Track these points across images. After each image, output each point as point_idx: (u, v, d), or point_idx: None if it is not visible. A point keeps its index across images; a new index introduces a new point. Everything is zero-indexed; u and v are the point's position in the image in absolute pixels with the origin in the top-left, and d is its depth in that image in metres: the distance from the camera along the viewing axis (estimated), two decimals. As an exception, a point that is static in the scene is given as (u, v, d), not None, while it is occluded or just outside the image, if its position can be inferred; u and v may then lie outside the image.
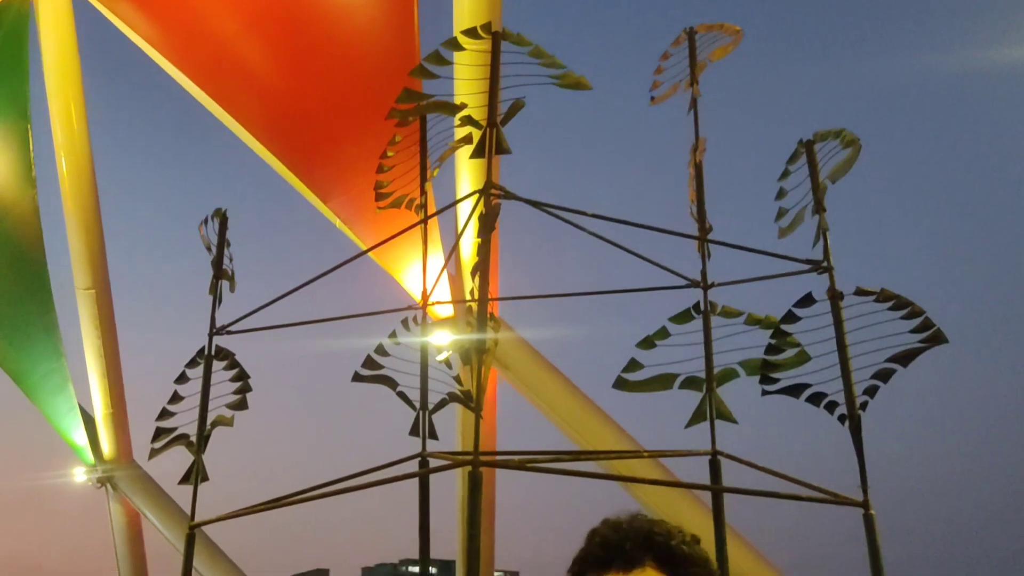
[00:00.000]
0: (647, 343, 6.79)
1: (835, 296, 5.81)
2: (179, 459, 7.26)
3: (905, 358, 5.49)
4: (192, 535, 6.84)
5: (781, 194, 6.50)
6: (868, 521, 5.48)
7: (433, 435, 6.65)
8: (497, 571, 18.77)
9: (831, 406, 5.70)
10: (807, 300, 5.94)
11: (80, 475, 22.22)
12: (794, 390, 5.93)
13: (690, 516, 12.16)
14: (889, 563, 5.53)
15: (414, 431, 6.65)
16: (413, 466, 6.47)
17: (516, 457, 6.50)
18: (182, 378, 7.36)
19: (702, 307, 6.65)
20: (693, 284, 6.81)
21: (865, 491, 5.52)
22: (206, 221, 7.71)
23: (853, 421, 5.55)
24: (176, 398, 7.31)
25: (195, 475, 6.92)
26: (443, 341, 7.36)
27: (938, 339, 5.46)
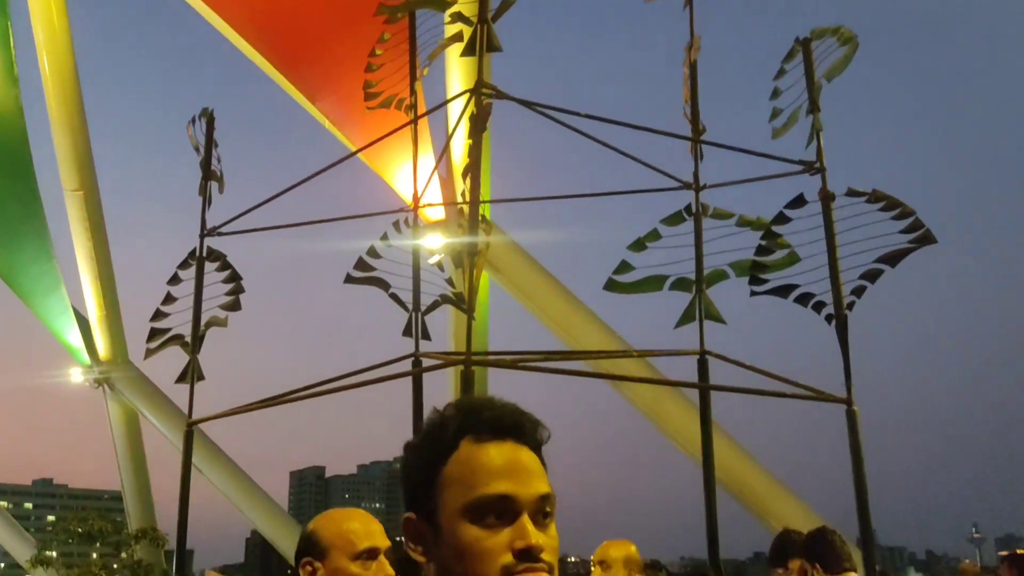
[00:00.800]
0: (638, 245, 6.81)
1: (826, 197, 5.81)
2: (175, 360, 7.34)
3: (893, 258, 5.53)
4: (190, 432, 6.97)
5: (775, 94, 6.42)
6: (851, 417, 5.62)
7: (426, 336, 6.72)
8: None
9: (818, 306, 5.77)
10: (799, 201, 5.94)
11: (77, 375, 22.50)
12: (782, 291, 5.99)
13: (677, 414, 12.48)
14: (872, 460, 5.69)
15: (407, 332, 6.71)
16: (406, 365, 6.56)
17: (508, 356, 6.59)
18: (174, 279, 7.38)
19: (693, 209, 6.66)
20: (685, 186, 6.79)
21: (849, 388, 5.64)
22: (194, 121, 7.60)
23: (839, 321, 5.62)
24: (169, 299, 7.35)
25: (191, 374, 7.01)
26: (435, 244, 7.37)
27: (927, 239, 5.49)
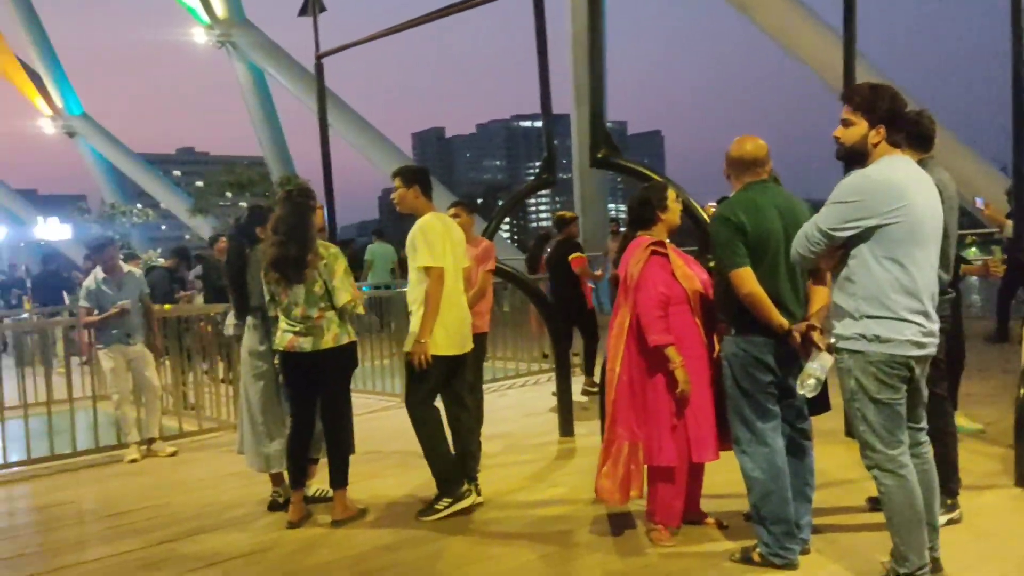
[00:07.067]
0: None
1: None
2: (289, 21, 7.15)
3: None
4: (320, 65, 7.04)
5: None
6: None
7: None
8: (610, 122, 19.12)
9: None
10: None
11: (200, 36, 22.89)
12: None
13: (809, 35, 11.77)
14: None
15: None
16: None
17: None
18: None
19: None
20: None
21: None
22: None
23: None
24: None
25: (313, 6, 6.93)
26: None
27: None
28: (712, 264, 4.06)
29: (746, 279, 3.63)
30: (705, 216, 5.19)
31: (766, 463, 3.75)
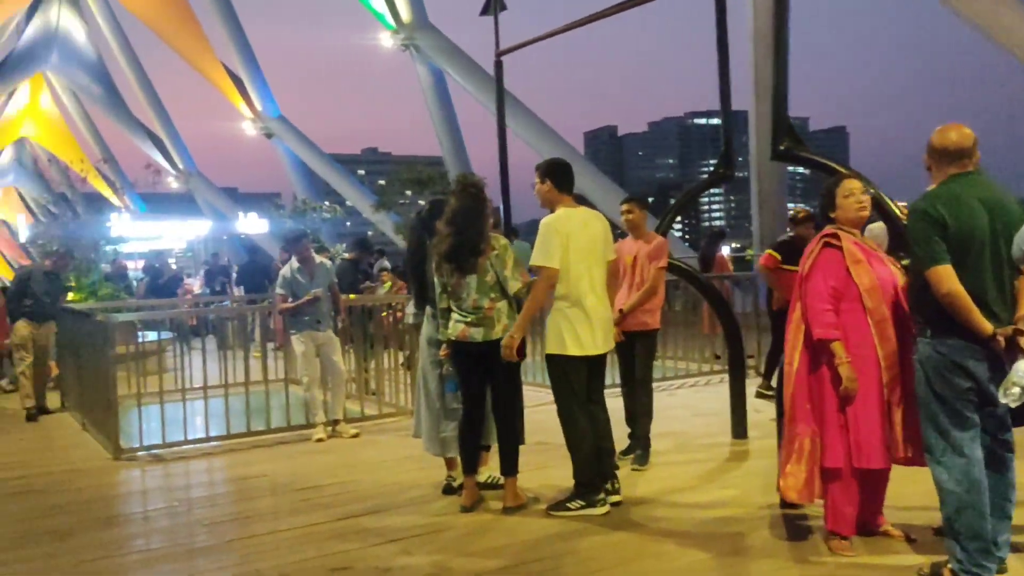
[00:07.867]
0: None
1: None
2: (470, 22, 7.32)
3: None
4: (499, 63, 7.20)
5: None
6: None
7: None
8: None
9: None
10: None
11: (386, 40, 23.95)
12: None
13: (1017, 24, 10.86)
14: None
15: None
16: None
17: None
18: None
19: None
20: None
21: None
22: None
23: None
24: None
25: (495, 5, 7.09)
26: None
27: None
28: (905, 262, 3.85)
29: (945, 277, 3.41)
30: (898, 211, 4.92)
31: (962, 474, 3.51)
